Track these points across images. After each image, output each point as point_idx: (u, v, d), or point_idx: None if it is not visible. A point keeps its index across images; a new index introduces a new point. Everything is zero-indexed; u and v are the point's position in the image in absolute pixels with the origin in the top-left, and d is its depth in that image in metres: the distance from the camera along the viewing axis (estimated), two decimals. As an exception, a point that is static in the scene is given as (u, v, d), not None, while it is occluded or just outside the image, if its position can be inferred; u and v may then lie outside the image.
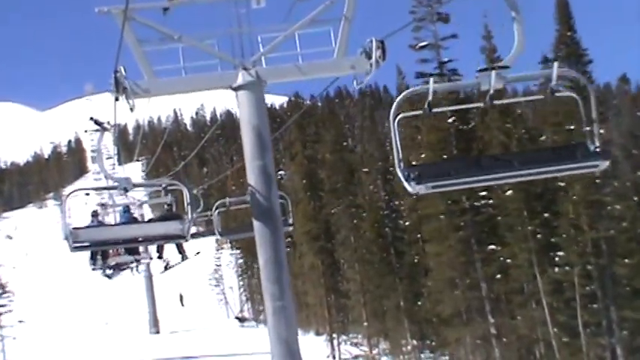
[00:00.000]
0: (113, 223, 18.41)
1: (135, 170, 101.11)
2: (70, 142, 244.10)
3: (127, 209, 20.81)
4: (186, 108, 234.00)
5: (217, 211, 13.69)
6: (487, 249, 35.65)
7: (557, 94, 6.23)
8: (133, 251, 20.45)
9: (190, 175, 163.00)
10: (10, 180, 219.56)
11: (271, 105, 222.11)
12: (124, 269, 22.48)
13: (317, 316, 67.93)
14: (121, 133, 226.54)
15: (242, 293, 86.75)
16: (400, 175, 6.14)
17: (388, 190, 51.10)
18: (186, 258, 21.81)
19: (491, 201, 35.94)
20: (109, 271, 21.89)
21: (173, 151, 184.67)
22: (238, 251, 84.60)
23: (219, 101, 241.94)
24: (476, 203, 36.01)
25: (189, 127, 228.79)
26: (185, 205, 9.08)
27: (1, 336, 47.92)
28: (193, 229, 10.27)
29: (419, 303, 46.60)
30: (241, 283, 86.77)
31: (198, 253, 25.19)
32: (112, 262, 21.13)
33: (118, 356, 55.84)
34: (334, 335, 52.70)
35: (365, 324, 50.23)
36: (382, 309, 51.22)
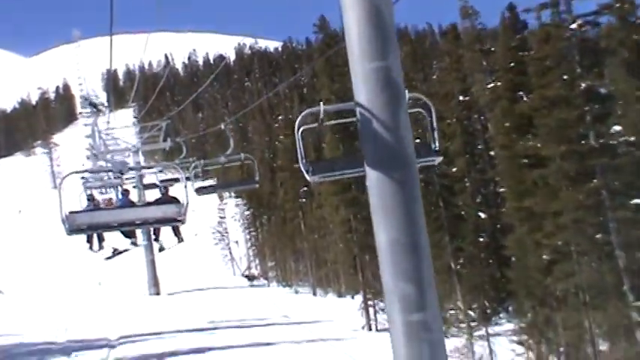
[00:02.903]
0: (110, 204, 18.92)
1: (126, 117, 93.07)
2: (58, 88, 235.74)
3: (124, 193, 20.71)
4: (177, 53, 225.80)
5: (194, 172, 15.37)
6: (628, 203, 26.13)
7: (409, 111, 6.55)
8: (129, 234, 20.92)
9: (185, 120, 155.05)
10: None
11: (265, 48, 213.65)
12: (123, 252, 24.15)
13: (338, 275, 59.25)
14: (111, 78, 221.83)
15: (249, 248, 77.86)
16: (302, 167, 6.88)
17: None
18: (182, 240, 22.82)
19: (633, 138, 26.47)
20: (107, 254, 23.59)
21: (166, 97, 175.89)
22: (244, 202, 75.56)
23: (210, 46, 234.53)
24: (612, 142, 26.59)
25: (181, 72, 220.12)
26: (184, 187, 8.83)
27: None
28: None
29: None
30: (248, 237, 77.88)
31: (196, 234, 29.77)
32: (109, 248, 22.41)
33: (113, 319, 47.33)
34: (370, 303, 43.73)
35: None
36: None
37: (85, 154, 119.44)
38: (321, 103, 7.01)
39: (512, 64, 33.21)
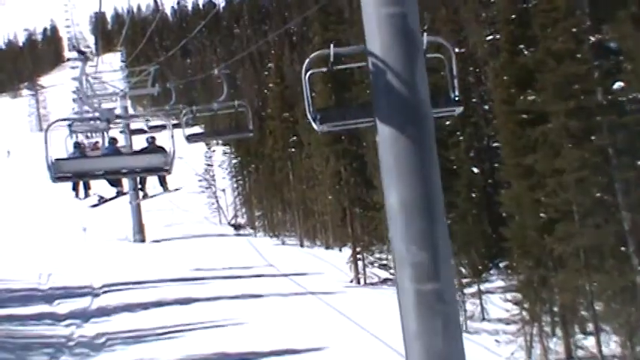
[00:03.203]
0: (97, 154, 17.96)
1: (114, 61, 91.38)
2: (45, 29, 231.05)
3: (111, 141, 18.62)
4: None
5: (185, 118, 15.13)
6: (636, 163, 24.90)
7: (427, 56, 6.10)
8: (115, 183, 20.81)
9: (173, 66, 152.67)
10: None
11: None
12: (109, 200, 23.60)
13: (326, 227, 58.40)
14: (99, 21, 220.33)
15: (236, 197, 76.79)
16: (309, 116, 6.35)
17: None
18: (168, 190, 23.38)
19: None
20: (92, 202, 23.35)
21: (154, 42, 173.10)
22: (232, 150, 74.24)
23: None
24: (620, 98, 25.35)
25: (170, 17, 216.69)
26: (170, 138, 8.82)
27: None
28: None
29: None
30: (235, 185, 76.75)
31: (178, 189, 27.27)
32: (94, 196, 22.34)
33: (97, 266, 46.67)
34: (359, 256, 42.86)
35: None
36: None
37: (71, 97, 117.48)
38: (332, 44, 6.49)
39: (513, 16, 31.85)
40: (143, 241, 59.73)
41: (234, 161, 75.26)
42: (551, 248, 26.87)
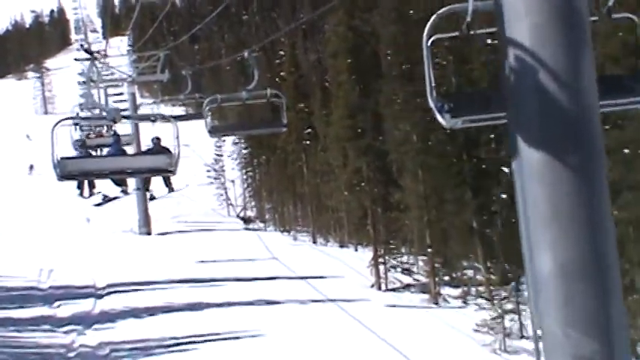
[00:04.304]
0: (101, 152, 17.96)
1: (121, 45, 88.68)
2: (52, 11, 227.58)
3: (116, 140, 19.68)
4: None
5: (208, 107, 12.70)
6: None
7: (614, 16, 4.77)
8: (120, 182, 21.82)
9: (181, 51, 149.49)
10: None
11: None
12: (113, 199, 26.75)
13: (341, 224, 55.25)
14: (107, 6, 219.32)
15: (245, 189, 73.49)
16: (433, 106, 4.52)
17: (462, 74, 37.62)
18: (173, 190, 25.19)
19: None
20: (96, 201, 26.16)
21: (162, 26, 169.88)
22: (242, 140, 70.95)
23: None
24: None
25: (177, 2, 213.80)
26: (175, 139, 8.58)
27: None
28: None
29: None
30: (244, 177, 73.46)
31: (182, 189, 27.60)
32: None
33: (101, 260, 43.64)
34: (380, 260, 39.70)
35: (429, 250, 37.33)
36: (442, 228, 38.89)
37: (76, 80, 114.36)
38: None
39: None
40: (149, 233, 56.59)
41: (244, 152, 71.98)
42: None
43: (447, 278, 39.11)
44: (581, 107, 4.01)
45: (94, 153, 21.58)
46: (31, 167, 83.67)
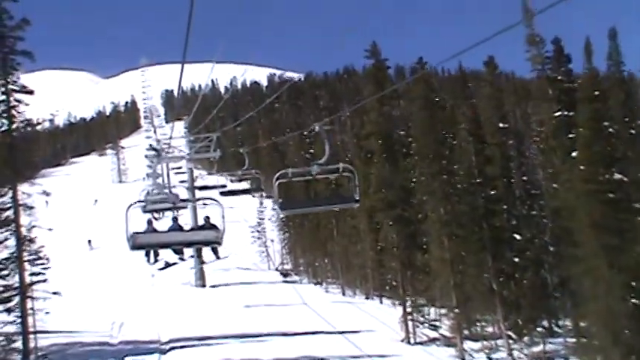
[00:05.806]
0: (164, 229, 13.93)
1: (178, 127, 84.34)
2: (127, 103, 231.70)
3: (175, 219, 20.02)
4: (221, 78, 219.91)
5: (277, 182, 9.94)
6: None
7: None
8: (178, 251, 20.95)
9: (226, 133, 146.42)
10: (77, 132, 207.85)
11: (291, 78, 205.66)
12: (173, 265, 24.73)
13: (366, 278, 50.23)
14: (169, 98, 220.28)
15: (283, 247, 68.60)
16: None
17: (480, 153, 33.15)
18: (219, 258, 25.78)
19: None
20: (160, 266, 24.69)
21: (211, 112, 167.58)
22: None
23: (248, 75, 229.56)
24: None
25: (223, 94, 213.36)
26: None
27: (32, 310, 29.53)
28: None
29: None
30: (282, 237, 68.61)
31: (226, 256, 29.32)
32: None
33: (164, 313, 38.84)
34: (409, 317, 34.64)
35: (456, 310, 32.34)
36: (466, 289, 33.92)
37: (144, 158, 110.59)
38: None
39: (597, 93, 24.37)
40: (204, 286, 51.90)
41: (281, 216, 67.31)
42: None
43: (466, 332, 34.02)
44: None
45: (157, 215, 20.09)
46: (89, 242, 74.39)
